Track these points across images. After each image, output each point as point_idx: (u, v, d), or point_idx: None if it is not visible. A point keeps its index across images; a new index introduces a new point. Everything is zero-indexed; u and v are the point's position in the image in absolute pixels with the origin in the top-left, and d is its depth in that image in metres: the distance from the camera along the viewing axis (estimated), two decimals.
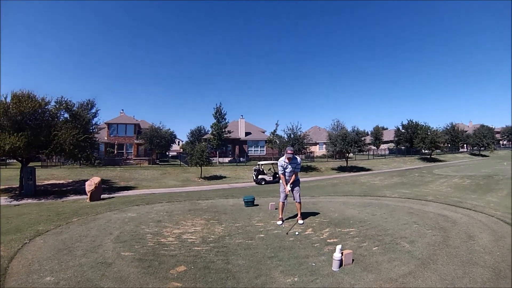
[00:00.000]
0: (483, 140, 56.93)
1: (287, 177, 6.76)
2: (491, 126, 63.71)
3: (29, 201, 16.65)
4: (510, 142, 75.96)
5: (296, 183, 6.84)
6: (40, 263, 4.37)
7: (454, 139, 56.02)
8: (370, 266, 4.12)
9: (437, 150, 49.47)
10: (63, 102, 21.43)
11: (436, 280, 3.64)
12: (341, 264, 4.05)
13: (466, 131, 62.96)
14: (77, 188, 22.48)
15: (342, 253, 4.08)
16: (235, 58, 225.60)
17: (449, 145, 57.82)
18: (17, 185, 20.65)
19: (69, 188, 23.10)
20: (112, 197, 15.74)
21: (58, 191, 21.35)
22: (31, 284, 3.71)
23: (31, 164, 22.42)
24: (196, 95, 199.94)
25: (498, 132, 73.67)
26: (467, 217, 7.17)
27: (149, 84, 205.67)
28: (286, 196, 6.77)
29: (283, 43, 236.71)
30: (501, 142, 77.64)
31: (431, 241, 5.17)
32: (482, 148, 59.62)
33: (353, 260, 4.25)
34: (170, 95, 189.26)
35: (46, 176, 26.93)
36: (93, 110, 25.36)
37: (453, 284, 3.54)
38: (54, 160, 35.32)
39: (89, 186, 13.77)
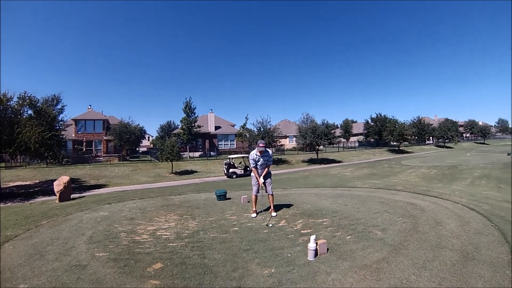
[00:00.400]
0: (447, 133, 60.03)
1: (259, 171, 6.84)
2: (455, 120, 67.46)
3: None
4: (473, 135, 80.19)
5: (267, 176, 6.94)
6: (11, 271, 4.22)
7: (421, 132, 58.76)
8: (345, 254, 4.30)
9: (405, 142, 51.54)
10: (27, 98, 20.46)
11: (408, 264, 3.88)
12: (316, 254, 4.19)
13: (432, 125, 66.02)
14: (45, 188, 21.58)
15: (316, 243, 4.22)
16: (203, 52, 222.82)
17: (416, 137, 60.56)
18: None
19: (36, 189, 22.08)
20: (83, 197, 15.27)
21: (24, 193, 20.38)
22: None
23: None
24: (165, 89, 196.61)
25: (461, 126, 78.01)
26: (435, 204, 7.61)
27: (117, 79, 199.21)
28: (259, 188, 6.86)
29: (250, 37, 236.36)
30: (464, 134, 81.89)
31: (401, 228, 5.46)
32: (446, 140, 62.82)
33: (327, 249, 4.41)
34: (139, 90, 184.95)
35: (10, 177, 25.55)
36: (59, 106, 24.20)
37: (424, 266, 3.78)
38: (18, 160, 33.55)
39: (58, 186, 13.26)
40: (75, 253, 4.81)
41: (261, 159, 6.72)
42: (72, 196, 14.47)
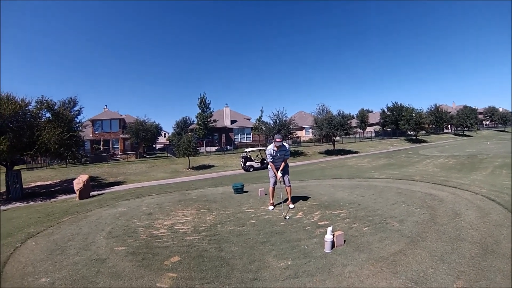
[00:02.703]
0: (466, 121, 58.24)
1: (276, 165, 6.79)
2: (474, 107, 65.21)
3: (17, 205, 16.32)
4: (493, 122, 77.76)
5: (285, 169, 6.87)
6: (34, 265, 4.34)
7: (439, 120, 57.21)
8: (362, 246, 4.22)
9: (422, 131, 50.49)
10: (44, 101, 20.96)
11: (426, 256, 3.77)
12: (333, 246, 4.14)
13: (450, 112, 64.34)
14: (65, 187, 22.19)
15: (333, 235, 4.17)
16: (217, 48, 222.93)
17: (433, 126, 59.03)
18: (4, 190, 20.22)
19: (57, 188, 22.75)
20: (102, 194, 15.58)
21: (46, 192, 21.01)
22: (26, 286, 3.70)
23: (16, 167, 21.95)
24: (179, 86, 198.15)
25: (481, 113, 75.60)
26: (453, 195, 7.35)
27: (132, 78, 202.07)
28: (276, 181, 6.81)
29: (265, 31, 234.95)
30: (484, 122, 79.45)
31: (419, 220, 5.31)
32: (465, 129, 61.03)
33: (344, 241, 4.35)
34: (154, 88, 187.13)
35: (32, 178, 26.38)
36: (76, 108, 25.07)
37: (442, 259, 3.67)
38: (39, 162, 34.58)
39: (77, 184, 13.59)
40: (94, 248, 4.91)
41: (278, 154, 6.67)
42: (92, 193, 14.80)
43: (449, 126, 68.30)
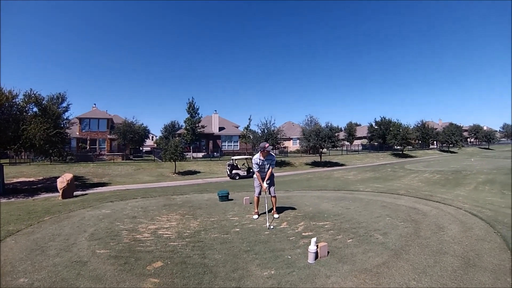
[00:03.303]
0: (452, 138, 59.50)
1: (262, 174, 6.82)
2: (459, 125, 66.94)
3: None
4: (477, 140, 79.68)
5: (271, 178, 6.90)
6: (12, 265, 4.25)
7: (425, 136, 58.38)
8: (345, 257, 4.27)
9: (409, 146, 51.41)
10: (32, 95, 20.61)
11: (408, 269, 3.85)
12: (316, 257, 4.18)
13: (436, 129, 65.64)
14: (49, 185, 21.68)
15: (317, 246, 4.20)
16: (208, 53, 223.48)
17: (420, 141, 60.26)
18: None
19: (39, 185, 22.24)
20: (86, 194, 15.35)
21: (28, 189, 20.57)
22: (4, 286, 3.62)
23: None
24: (169, 89, 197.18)
25: (466, 130, 77.56)
26: (437, 209, 7.55)
27: (122, 78, 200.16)
28: (261, 190, 6.83)
29: (256, 39, 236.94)
30: (468, 139, 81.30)
31: (403, 233, 5.42)
32: (451, 145, 62.33)
33: (328, 252, 4.39)
34: (143, 89, 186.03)
35: (15, 173, 25.77)
36: (64, 104, 24.50)
37: (425, 272, 3.75)
38: (23, 157, 33.84)
39: (61, 183, 13.35)
40: (76, 250, 4.83)
41: (265, 162, 6.70)
42: (75, 193, 14.57)
43: (435, 142, 69.74)
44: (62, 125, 22.95)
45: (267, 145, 6.59)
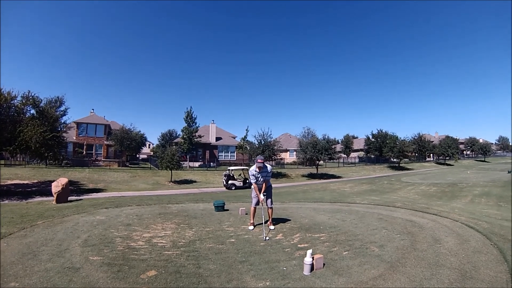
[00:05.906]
0: (448, 150, 59.82)
1: (259, 186, 6.81)
2: (455, 137, 67.43)
3: None
4: (473, 152, 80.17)
5: (268, 190, 6.91)
6: (3, 268, 4.19)
7: (421, 148, 58.72)
8: (341, 269, 4.24)
9: (405, 159, 51.48)
10: (30, 97, 20.58)
11: (405, 282, 3.82)
12: (312, 268, 4.15)
13: (432, 141, 66.04)
14: (43, 189, 21.51)
15: (313, 258, 4.18)
16: (207, 62, 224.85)
17: (416, 154, 60.46)
18: None
19: (34, 189, 22.05)
20: (80, 199, 15.21)
21: (22, 192, 20.36)
22: None
23: None
24: (168, 98, 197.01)
25: (462, 143, 77.97)
26: (433, 222, 7.54)
27: (121, 85, 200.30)
28: (258, 201, 6.82)
29: (254, 50, 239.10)
30: (464, 152, 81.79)
31: (399, 245, 5.40)
32: (447, 158, 62.63)
33: (324, 264, 4.36)
34: (142, 97, 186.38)
35: (9, 175, 25.56)
36: (62, 108, 24.41)
37: (421, 285, 3.72)
38: (18, 159, 33.56)
39: (56, 187, 13.23)
40: (68, 255, 4.77)
41: (260, 175, 6.70)
42: (70, 198, 14.44)
43: (431, 154, 70.04)
44: (59, 129, 22.82)
45: (259, 160, 6.57)
